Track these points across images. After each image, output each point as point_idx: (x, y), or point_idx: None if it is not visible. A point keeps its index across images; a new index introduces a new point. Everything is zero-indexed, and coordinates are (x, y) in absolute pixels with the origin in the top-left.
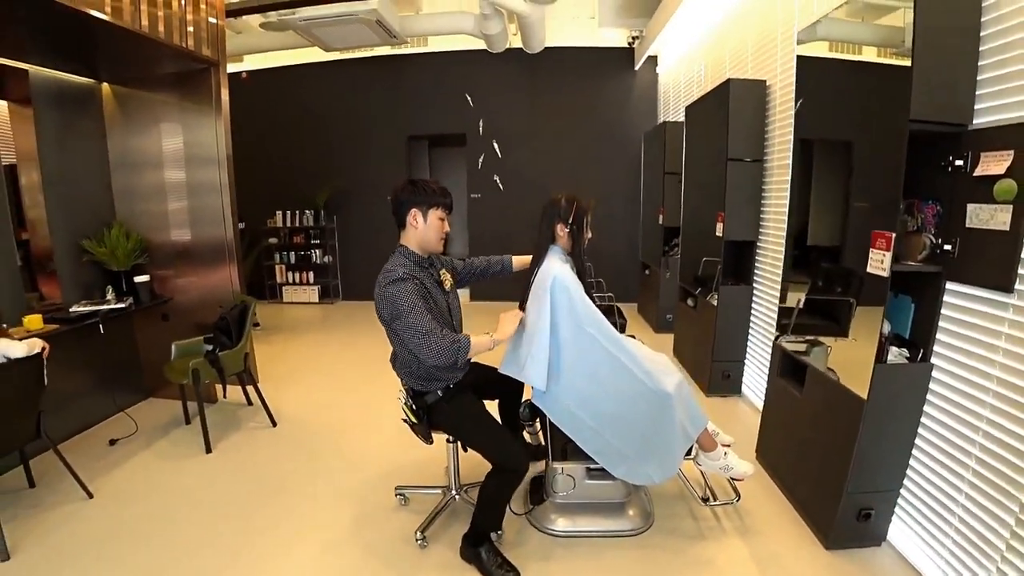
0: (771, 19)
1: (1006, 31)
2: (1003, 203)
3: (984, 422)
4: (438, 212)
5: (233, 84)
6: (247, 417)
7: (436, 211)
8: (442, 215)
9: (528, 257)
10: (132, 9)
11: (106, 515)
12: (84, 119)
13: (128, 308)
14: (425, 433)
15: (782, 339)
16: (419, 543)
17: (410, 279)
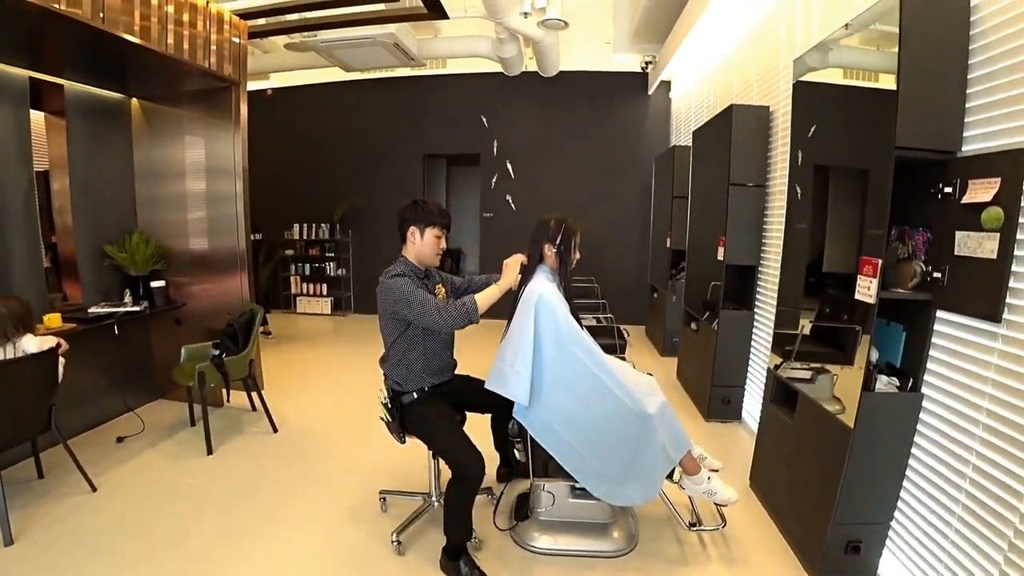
0: (774, 46)
1: (993, 59)
2: (990, 231)
3: (974, 455)
4: (434, 230)
5: (258, 101)
6: (250, 422)
7: (433, 229)
8: (438, 233)
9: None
10: (159, 30)
11: (107, 508)
12: (113, 131)
13: (143, 312)
14: (398, 431)
15: (786, 365)
16: (394, 544)
17: (406, 275)
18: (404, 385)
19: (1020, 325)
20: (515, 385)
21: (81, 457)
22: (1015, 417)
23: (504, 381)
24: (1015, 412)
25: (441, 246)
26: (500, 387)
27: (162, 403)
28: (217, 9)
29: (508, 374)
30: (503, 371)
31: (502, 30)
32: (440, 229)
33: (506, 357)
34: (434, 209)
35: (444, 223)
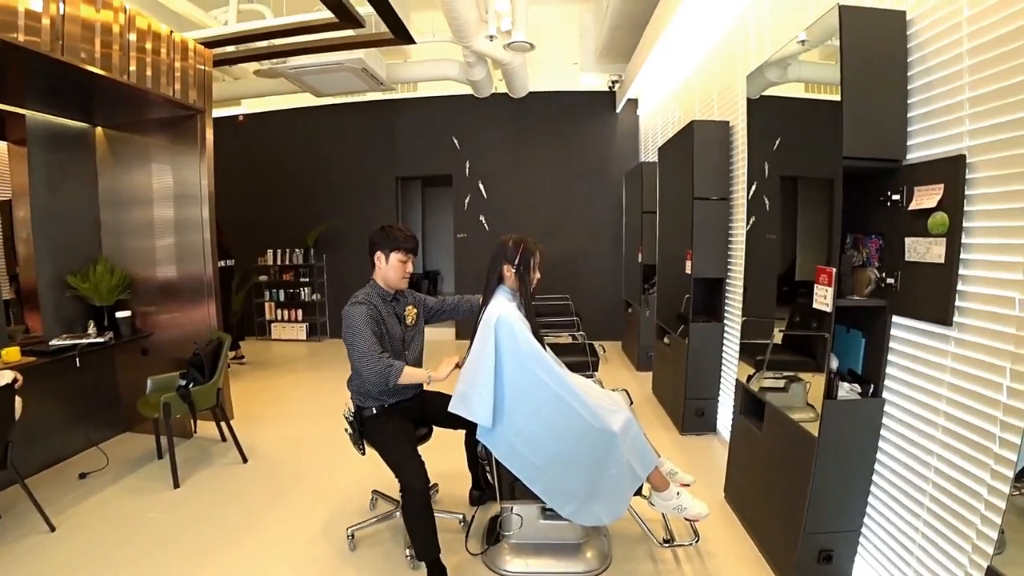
0: (733, 63)
1: (929, 70)
2: (937, 236)
3: (935, 458)
4: (399, 255)
5: (230, 127)
6: (219, 453)
7: (397, 254)
8: (403, 258)
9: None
10: (121, 59)
11: (66, 548)
12: (77, 160)
13: (107, 343)
14: (358, 443)
15: (759, 375)
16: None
17: (366, 304)
18: (364, 402)
19: (971, 328)
20: (477, 407)
21: (41, 495)
22: (970, 419)
23: (466, 403)
24: (970, 414)
25: (407, 270)
26: (463, 409)
27: (129, 436)
28: (181, 38)
29: (470, 396)
30: (465, 393)
31: (470, 53)
32: (404, 254)
33: (467, 379)
34: (399, 234)
35: (408, 248)
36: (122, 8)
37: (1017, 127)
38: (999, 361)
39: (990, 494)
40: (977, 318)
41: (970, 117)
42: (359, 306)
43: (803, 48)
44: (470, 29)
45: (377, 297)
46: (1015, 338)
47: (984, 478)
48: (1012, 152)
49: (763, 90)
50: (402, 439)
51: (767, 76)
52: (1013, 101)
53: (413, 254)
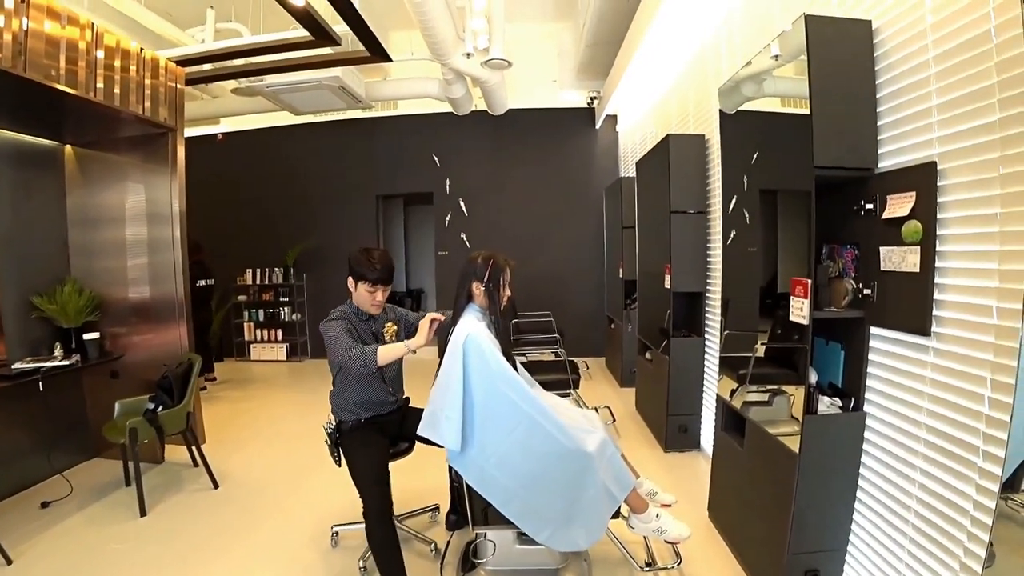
0: (708, 77)
1: (897, 78)
2: (911, 244)
3: (918, 472)
4: (365, 286)
5: (210, 145)
6: (190, 479)
7: (364, 284)
8: (370, 289)
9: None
10: (87, 75)
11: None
12: (44, 178)
13: (73, 365)
14: (335, 455)
15: (742, 389)
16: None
17: (341, 319)
18: (342, 415)
19: (950, 338)
20: (445, 430)
21: (2, 525)
22: (953, 431)
23: (434, 426)
24: (952, 426)
25: (376, 299)
26: (431, 432)
27: (97, 462)
28: (152, 55)
29: (438, 418)
30: (434, 415)
31: (448, 71)
32: (371, 285)
33: (436, 400)
34: (367, 264)
35: (374, 279)
36: (89, 24)
37: (985, 132)
38: (979, 371)
39: (976, 509)
40: (955, 327)
41: (939, 124)
42: (333, 321)
43: (777, 63)
44: (447, 47)
45: (353, 316)
46: (994, 347)
47: (970, 493)
48: (982, 157)
49: (740, 105)
50: (370, 459)
51: (743, 91)
52: (980, 106)
53: (382, 284)
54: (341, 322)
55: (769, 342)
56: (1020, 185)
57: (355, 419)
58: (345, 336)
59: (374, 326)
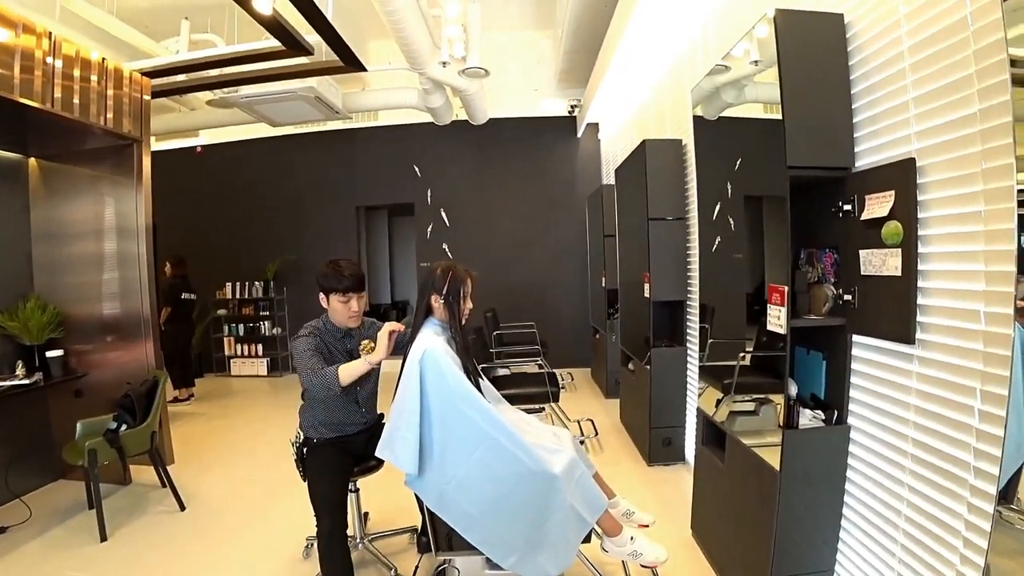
0: (684, 82)
1: (870, 73)
2: (892, 247)
3: (906, 489)
4: (338, 297)
5: (188, 158)
6: (156, 500)
7: (336, 296)
8: (342, 299)
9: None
10: (44, 85)
11: None
12: (6, 192)
13: (35, 384)
14: (301, 470)
15: (728, 399)
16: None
17: (312, 335)
18: (307, 432)
19: (935, 345)
20: (400, 452)
21: None
22: (941, 446)
23: (391, 447)
24: (941, 440)
25: (352, 309)
26: (387, 454)
27: (61, 484)
28: (115, 65)
29: (394, 439)
30: (391, 436)
31: (426, 80)
32: (343, 295)
33: (394, 420)
34: (334, 274)
35: (344, 288)
36: (46, 33)
37: (965, 125)
38: (968, 381)
39: (968, 530)
40: (941, 334)
41: (916, 118)
42: (301, 339)
43: (758, 68)
44: (423, 56)
45: (327, 333)
46: (983, 355)
47: (961, 512)
48: (962, 152)
49: (722, 110)
50: (332, 484)
51: (724, 98)
52: (958, 98)
53: (355, 292)
54: (310, 339)
55: (755, 350)
56: (1004, 180)
57: (321, 437)
58: (309, 357)
59: (349, 343)
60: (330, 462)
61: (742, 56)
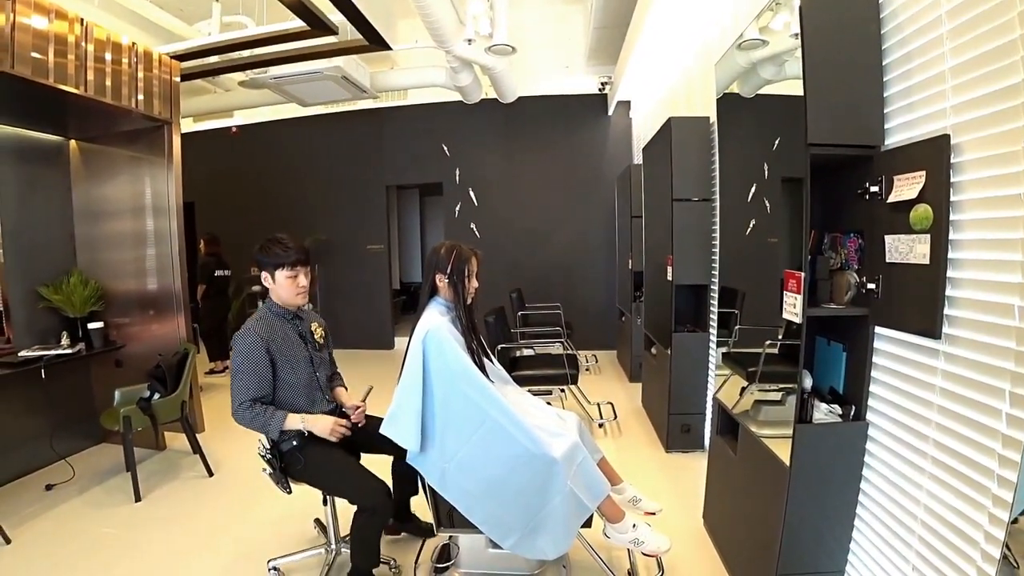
0: (711, 56)
1: (906, 40)
2: (920, 232)
3: (924, 493)
4: (285, 271)
5: (224, 138)
6: (187, 466)
7: (282, 271)
8: (290, 273)
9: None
10: (77, 69)
11: (17, 561)
12: (50, 173)
13: (77, 354)
14: (281, 481)
15: (751, 388)
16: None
17: (251, 333)
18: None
19: (963, 341)
20: (404, 429)
21: (4, 507)
22: (964, 449)
23: (395, 424)
24: (963, 443)
25: (300, 284)
26: (391, 431)
27: (103, 447)
28: (145, 48)
29: (398, 417)
30: (395, 414)
31: (453, 59)
32: (291, 268)
33: (399, 398)
34: (278, 248)
35: (292, 261)
36: (78, 19)
37: (1007, 97)
38: (996, 382)
39: (987, 542)
40: (970, 329)
41: (952, 90)
42: (243, 337)
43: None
44: (448, 33)
45: (274, 317)
46: (1016, 354)
47: (981, 522)
48: (1002, 128)
49: (759, 88)
50: (341, 463)
51: (761, 74)
52: (1000, 67)
53: (302, 266)
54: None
55: (784, 338)
56: None
57: (297, 433)
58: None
59: (300, 326)
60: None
61: (781, 29)
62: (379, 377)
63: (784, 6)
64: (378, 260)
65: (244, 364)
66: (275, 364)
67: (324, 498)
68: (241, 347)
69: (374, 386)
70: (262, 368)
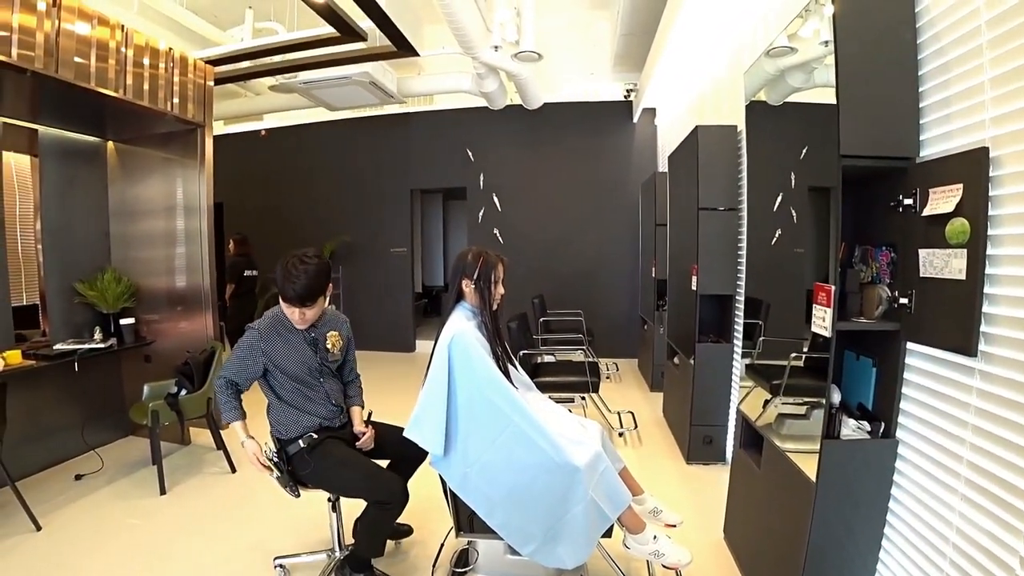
0: (740, 64)
1: (944, 50)
2: (956, 247)
3: (956, 515)
4: (285, 304)
5: (253, 140)
6: (211, 461)
7: (284, 302)
8: (289, 308)
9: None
10: (117, 74)
11: (45, 548)
12: (88, 172)
13: (108, 349)
14: (289, 485)
15: (775, 401)
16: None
17: (255, 332)
18: (286, 433)
19: (1000, 359)
20: (428, 433)
21: (36, 495)
22: (997, 470)
23: (419, 427)
24: (997, 464)
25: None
26: (415, 434)
27: (131, 440)
28: (181, 53)
29: (422, 421)
30: (419, 417)
31: (479, 65)
32: (289, 304)
33: (423, 402)
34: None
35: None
36: (119, 25)
37: None
38: None
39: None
40: (1008, 347)
41: (992, 101)
42: (250, 331)
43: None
44: (475, 40)
45: (283, 320)
46: None
47: (1017, 548)
48: None
49: (787, 95)
50: (353, 461)
51: (790, 81)
52: None
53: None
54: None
55: (811, 351)
56: None
57: (305, 435)
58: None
59: (314, 332)
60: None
61: (811, 36)
62: (398, 379)
63: (814, 13)
64: (401, 263)
65: (239, 352)
66: (272, 366)
67: (332, 504)
68: (243, 339)
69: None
70: (249, 364)
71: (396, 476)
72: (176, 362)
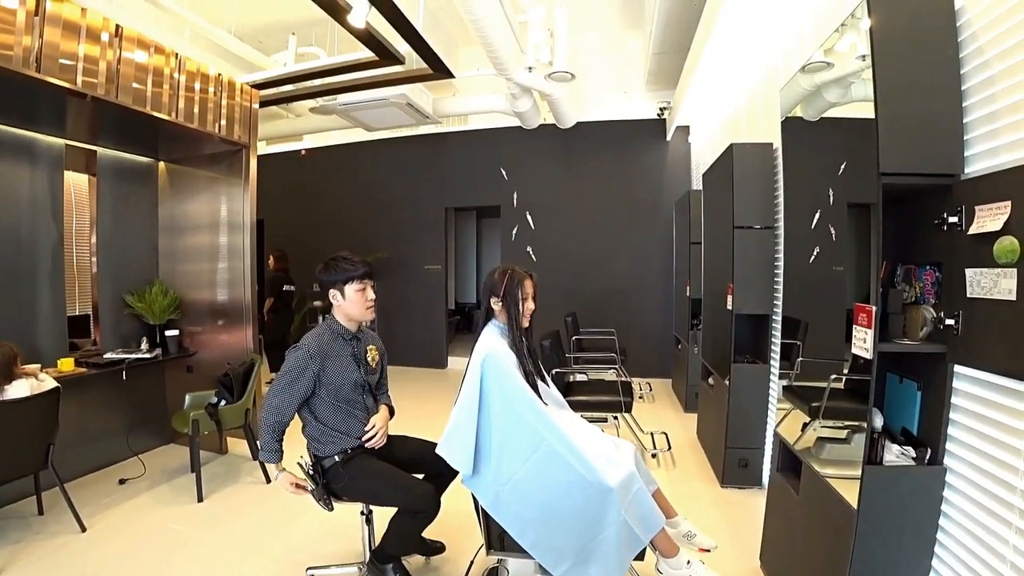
0: (775, 81)
1: (988, 63)
2: (1005, 266)
3: (1010, 549)
4: (355, 285)
5: (294, 159)
6: (247, 471)
7: (352, 284)
8: (359, 287)
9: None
10: (170, 98)
11: (90, 549)
12: (140, 191)
13: (154, 359)
14: (323, 498)
15: (814, 424)
16: None
17: (304, 350)
18: (322, 449)
19: None
20: (458, 451)
21: (82, 497)
22: None
23: (449, 445)
24: None
25: (369, 297)
26: (446, 451)
27: (172, 447)
28: (228, 78)
29: (452, 439)
30: (450, 435)
31: (513, 85)
32: (360, 282)
33: (455, 419)
34: (346, 264)
35: (359, 275)
36: (173, 53)
37: None
38: None
39: None
40: None
41: None
42: (294, 351)
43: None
44: (509, 61)
45: (332, 336)
46: None
47: None
48: None
49: (823, 111)
50: (387, 474)
51: (826, 97)
52: None
53: (369, 279)
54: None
55: (851, 372)
56: None
57: (341, 451)
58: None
59: (356, 347)
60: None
61: (847, 51)
62: (430, 395)
63: (851, 27)
64: (435, 279)
65: (285, 377)
66: (320, 383)
67: (366, 516)
68: (291, 360)
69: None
70: (299, 387)
71: (429, 487)
72: (217, 373)
